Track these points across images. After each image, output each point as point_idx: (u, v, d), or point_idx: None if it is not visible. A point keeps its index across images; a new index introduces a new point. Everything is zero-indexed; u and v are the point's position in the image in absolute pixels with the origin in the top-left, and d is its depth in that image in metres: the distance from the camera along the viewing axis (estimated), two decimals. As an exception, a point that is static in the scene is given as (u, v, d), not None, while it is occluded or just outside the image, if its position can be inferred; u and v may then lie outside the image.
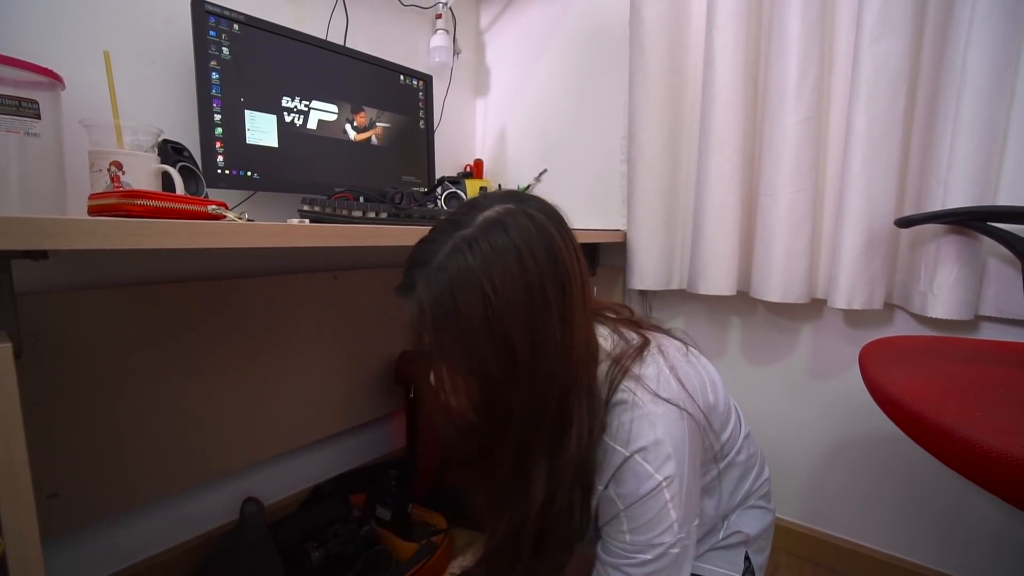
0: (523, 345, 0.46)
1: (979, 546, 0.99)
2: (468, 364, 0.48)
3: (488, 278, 0.45)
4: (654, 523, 0.51)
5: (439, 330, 0.47)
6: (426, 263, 0.47)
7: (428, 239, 0.49)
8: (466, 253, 0.45)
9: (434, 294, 0.46)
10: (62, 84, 0.65)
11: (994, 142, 0.86)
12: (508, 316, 0.45)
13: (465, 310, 0.45)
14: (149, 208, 0.50)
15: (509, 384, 0.47)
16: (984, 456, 0.44)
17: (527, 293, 0.46)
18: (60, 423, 0.83)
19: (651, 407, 0.52)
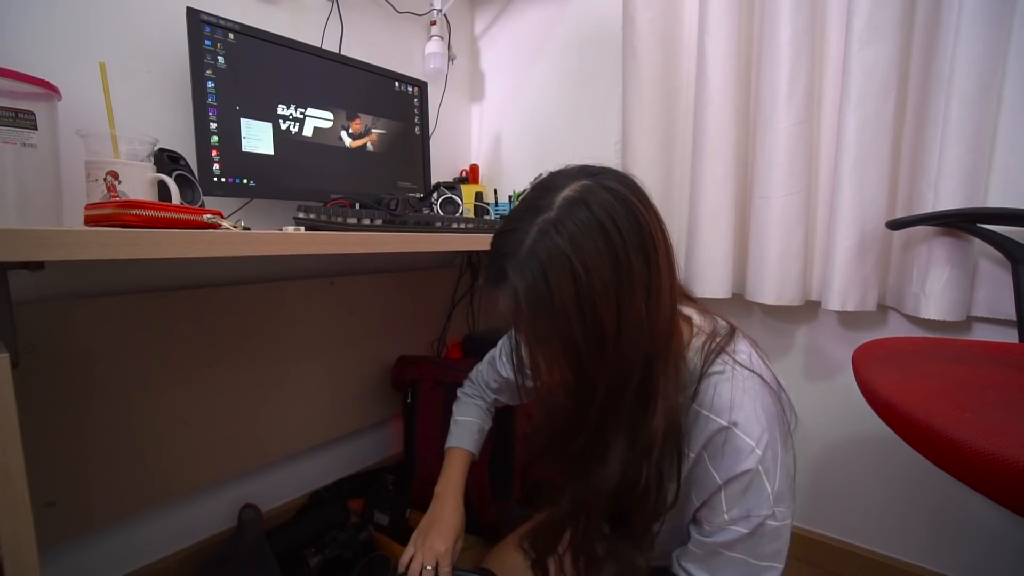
0: (610, 319, 0.46)
1: (972, 545, 1.00)
2: (561, 345, 0.48)
3: (578, 258, 0.45)
4: (751, 495, 0.51)
5: (534, 315, 0.47)
6: (515, 252, 0.47)
7: (511, 228, 0.49)
8: (553, 236, 0.46)
9: (527, 281, 0.46)
10: (58, 95, 0.65)
11: (983, 145, 0.87)
12: (598, 294, 0.45)
13: (558, 293, 0.45)
14: (145, 218, 0.51)
15: (597, 360, 0.48)
16: (973, 456, 0.45)
17: (615, 267, 0.46)
18: (57, 432, 0.83)
19: (748, 381, 0.52)
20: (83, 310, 0.85)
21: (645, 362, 0.49)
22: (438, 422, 1.30)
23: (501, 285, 0.49)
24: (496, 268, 0.50)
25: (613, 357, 0.48)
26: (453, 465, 0.82)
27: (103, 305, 0.88)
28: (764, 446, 0.50)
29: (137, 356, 0.92)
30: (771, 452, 0.51)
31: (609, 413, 0.51)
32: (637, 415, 0.51)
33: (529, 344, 0.52)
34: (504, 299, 0.49)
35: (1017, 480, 0.41)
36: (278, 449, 1.17)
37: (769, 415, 0.52)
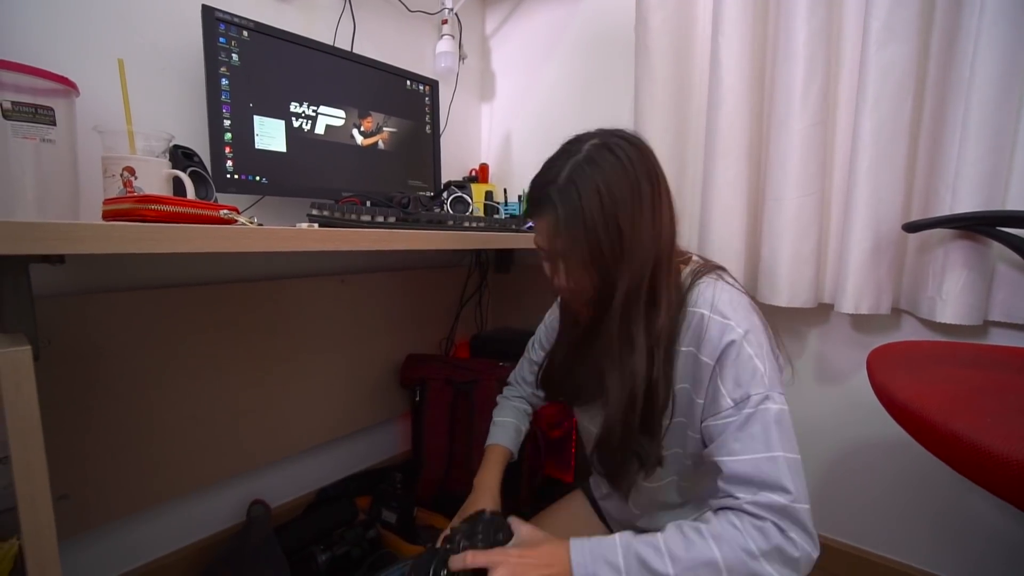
0: (627, 227, 0.58)
1: (987, 552, 0.98)
2: (591, 254, 0.59)
3: (603, 183, 0.58)
4: (742, 368, 0.57)
5: (570, 231, 0.59)
6: (555, 180, 0.60)
7: (549, 166, 0.63)
8: (583, 168, 0.59)
9: (566, 202, 0.59)
10: (77, 91, 0.66)
11: (1002, 147, 0.86)
12: (618, 207, 0.58)
13: (588, 209, 0.58)
14: (163, 213, 0.51)
15: (618, 262, 0.59)
16: (992, 461, 0.44)
17: (630, 189, 0.59)
18: (71, 425, 0.84)
19: (729, 289, 0.63)
20: (97, 305, 0.86)
21: (654, 264, 0.60)
22: (446, 421, 1.30)
23: (543, 208, 0.61)
24: (537, 197, 0.63)
25: (629, 259, 0.59)
26: (491, 460, 0.84)
27: (116, 301, 0.88)
28: (745, 328, 0.59)
29: (149, 351, 0.93)
30: (755, 337, 0.59)
31: (630, 310, 0.61)
32: (650, 313, 0.61)
33: (564, 257, 0.62)
34: (544, 221, 0.62)
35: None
36: (287, 446, 1.18)
37: (750, 313, 0.62)
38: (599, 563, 0.54)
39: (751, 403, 0.56)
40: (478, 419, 1.25)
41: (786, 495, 0.52)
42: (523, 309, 1.61)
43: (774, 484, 0.53)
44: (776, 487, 0.52)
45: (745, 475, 0.54)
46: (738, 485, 0.55)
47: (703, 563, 0.51)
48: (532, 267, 1.60)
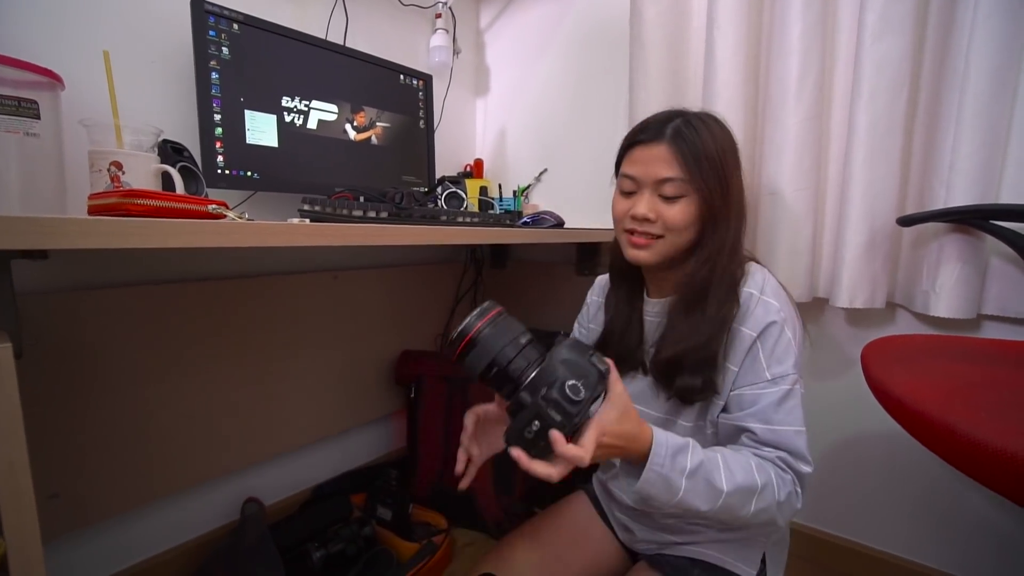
0: (732, 179, 0.66)
1: (980, 545, 0.99)
2: (699, 183, 0.64)
3: (713, 135, 0.65)
4: (781, 347, 0.63)
5: (683, 159, 0.64)
6: (673, 119, 0.66)
7: (657, 115, 0.69)
8: (699, 119, 0.67)
9: (687, 135, 0.64)
10: (62, 84, 0.65)
11: (997, 141, 0.86)
12: (727, 157, 0.66)
13: (705, 148, 0.64)
14: (150, 208, 0.50)
15: (720, 208, 0.65)
16: (988, 454, 0.44)
17: (731, 148, 0.68)
18: (60, 424, 0.83)
19: (775, 280, 0.69)
20: (86, 302, 0.85)
21: (737, 217, 0.68)
22: (441, 417, 1.30)
23: (659, 136, 0.66)
24: (652, 127, 0.67)
25: (729, 206, 0.66)
26: None
27: (105, 297, 0.87)
28: (786, 313, 0.65)
29: (140, 349, 0.92)
30: (791, 322, 0.65)
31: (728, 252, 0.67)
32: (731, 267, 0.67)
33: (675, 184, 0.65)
34: (657, 149, 0.66)
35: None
36: (281, 443, 1.17)
37: (788, 303, 0.67)
38: (675, 466, 0.56)
39: (787, 381, 0.62)
40: (473, 415, 1.25)
41: (808, 466, 0.61)
42: (519, 305, 1.61)
43: (803, 456, 0.61)
44: (804, 458, 0.61)
45: (780, 443, 0.61)
46: (771, 448, 0.61)
47: (747, 488, 0.57)
48: (527, 263, 1.60)
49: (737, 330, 0.65)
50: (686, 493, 0.55)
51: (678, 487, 0.55)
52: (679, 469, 0.55)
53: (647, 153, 0.66)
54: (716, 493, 0.56)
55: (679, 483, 0.55)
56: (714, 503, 0.56)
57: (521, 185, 1.56)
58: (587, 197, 1.48)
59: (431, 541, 1.09)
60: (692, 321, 0.66)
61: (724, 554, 0.70)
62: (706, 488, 0.56)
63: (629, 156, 0.70)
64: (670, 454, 0.56)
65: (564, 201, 1.51)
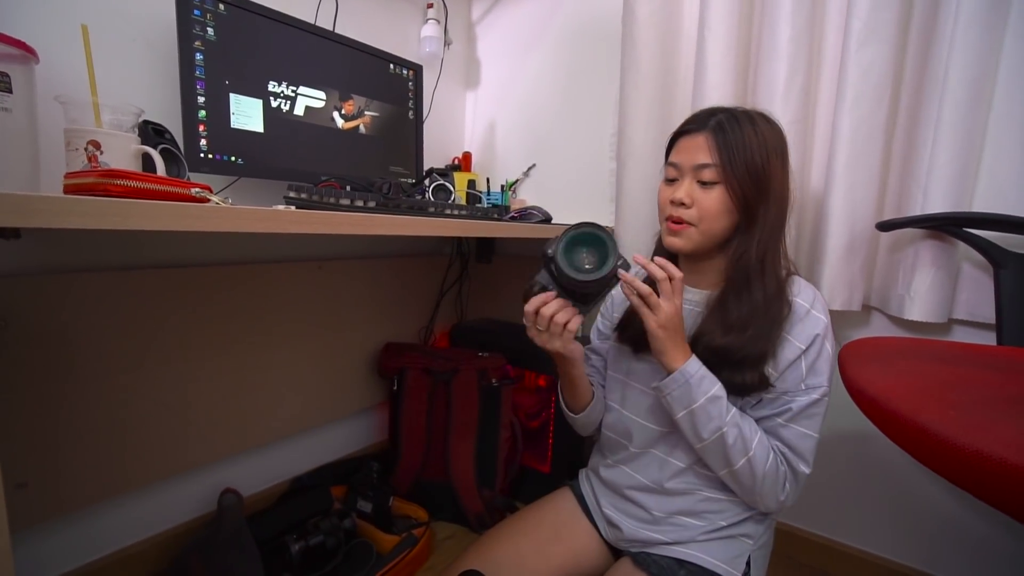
0: (775, 175, 0.68)
1: (951, 542, 1.02)
2: (733, 172, 0.67)
3: (760, 131, 0.68)
4: (821, 366, 0.68)
5: (721, 148, 0.67)
6: (720, 112, 0.70)
7: (710, 108, 0.73)
8: (746, 115, 0.70)
9: (730, 127, 0.68)
10: (36, 58, 0.62)
11: (972, 150, 0.89)
12: (770, 154, 0.68)
13: (747, 141, 0.67)
14: (129, 189, 0.49)
15: (757, 205, 0.68)
16: (958, 453, 0.45)
17: (778, 146, 0.70)
18: (30, 411, 0.81)
19: (822, 297, 0.73)
20: (60, 285, 0.82)
21: (777, 214, 0.70)
22: (424, 410, 1.29)
23: (704, 126, 0.69)
24: (699, 119, 0.71)
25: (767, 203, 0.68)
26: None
27: (81, 281, 0.85)
28: (828, 325, 0.69)
29: (117, 335, 0.89)
30: (831, 336, 0.70)
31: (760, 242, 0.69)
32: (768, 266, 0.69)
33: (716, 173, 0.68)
34: (701, 137, 0.69)
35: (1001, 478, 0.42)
36: (260, 434, 1.15)
37: (829, 318, 0.71)
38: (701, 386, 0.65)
39: (818, 391, 0.68)
40: (456, 409, 1.25)
41: (807, 467, 0.69)
42: (504, 299, 1.61)
43: (804, 456, 0.68)
44: (804, 459, 0.68)
45: (788, 439, 0.68)
46: (782, 443, 0.68)
47: (742, 445, 0.65)
48: (514, 257, 1.60)
49: (785, 339, 0.68)
50: (698, 410, 0.65)
51: (694, 400, 0.65)
52: (703, 390, 0.65)
53: (690, 142, 0.70)
54: (717, 426, 0.65)
55: (697, 397, 0.65)
56: (712, 433, 0.65)
57: (509, 180, 1.56)
58: (574, 194, 1.48)
59: (411, 534, 1.09)
60: (741, 313, 0.68)
61: (710, 556, 0.71)
62: (709, 419, 0.65)
63: (676, 146, 0.74)
64: (700, 375, 0.65)
65: (552, 197, 1.51)
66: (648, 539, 0.74)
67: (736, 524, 0.72)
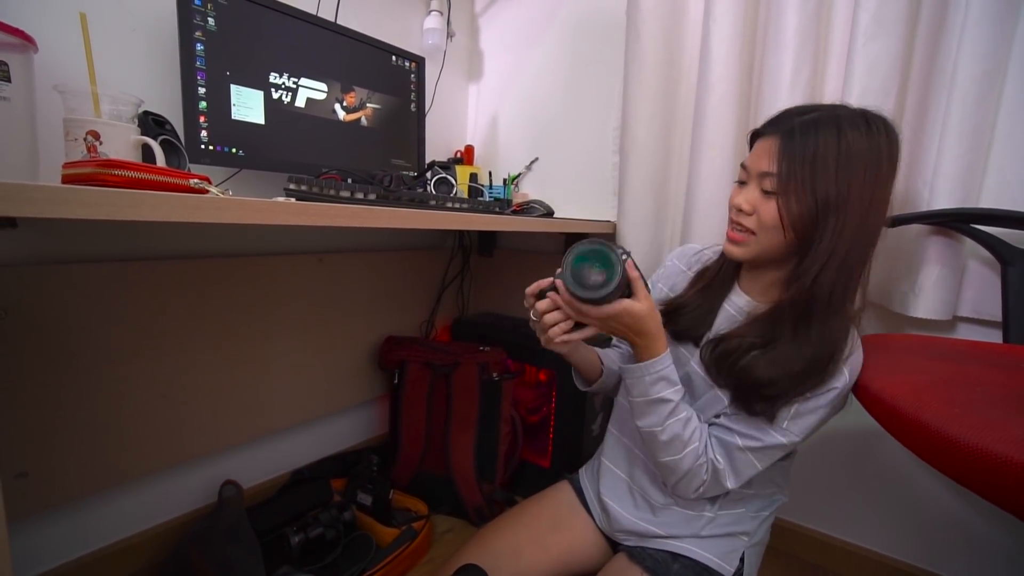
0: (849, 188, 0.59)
1: (952, 540, 1.02)
2: (795, 185, 0.60)
3: (846, 138, 0.59)
4: (810, 420, 0.64)
5: (786, 157, 0.60)
6: (802, 113, 0.63)
7: (805, 105, 0.66)
8: (833, 119, 0.60)
9: (803, 132, 0.60)
10: (34, 46, 0.62)
11: (980, 146, 0.88)
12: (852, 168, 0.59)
13: (822, 150, 0.59)
14: (127, 179, 0.48)
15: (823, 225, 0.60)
16: (961, 452, 0.45)
17: (868, 156, 0.59)
18: (30, 401, 0.81)
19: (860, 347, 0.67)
20: (60, 276, 0.82)
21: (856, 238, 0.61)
22: (424, 404, 1.30)
23: (778, 128, 0.63)
24: (778, 119, 0.65)
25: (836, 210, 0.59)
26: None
27: (81, 272, 0.85)
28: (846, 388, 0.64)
29: (117, 326, 0.89)
30: (840, 400, 0.65)
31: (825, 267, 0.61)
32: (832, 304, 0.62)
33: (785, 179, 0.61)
34: (772, 141, 0.63)
35: (1003, 476, 0.42)
36: (261, 426, 1.16)
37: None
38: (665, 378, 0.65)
39: (788, 440, 0.64)
40: (456, 402, 1.25)
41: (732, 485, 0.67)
42: (505, 293, 1.60)
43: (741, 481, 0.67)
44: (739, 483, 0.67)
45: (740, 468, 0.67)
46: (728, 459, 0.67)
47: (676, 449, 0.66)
48: (515, 251, 1.59)
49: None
50: (643, 403, 0.66)
51: (645, 394, 0.66)
52: (656, 392, 0.65)
53: (762, 145, 0.65)
54: (654, 422, 0.66)
55: (649, 393, 0.65)
56: (649, 427, 0.66)
57: (512, 173, 1.55)
58: (577, 188, 1.47)
59: (411, 527, 1.09)
60: (794, 352, 0.62)
61: (704, 551, 0.71)
62: (649, 414, 0.66)
63: (753, 147, 0.68)
64: (661, 376, 0.65)
65: (554, 191, 1.50)
66: (644, 531, 0.74)
67: (732, 522, 0.73)
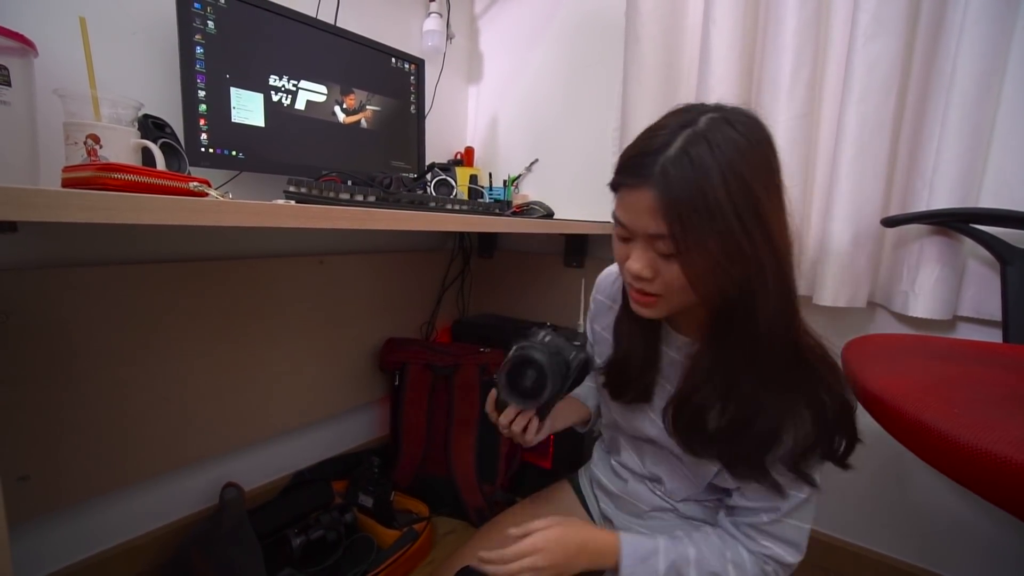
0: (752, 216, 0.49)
1: (955, 542, 1.02)
2: (698, 239, 0.49)
3: (728, 161, 0.48)
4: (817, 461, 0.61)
5: (673, 211, 0.49)
6: (663, 149, 0.49)
7: (657, 131, 0.52)
8: (702, 142, 0.49)
9: (681, 177, 0.48)
10: (34, 51, 0.62)
11: (979, 146, 0.87)
12: (755, 191, 0.49)
13: (712, 190, 0.48)
14: (127, 182, 0.48)
15: (748, 267, 0.51)
16: (962, 452, 0.45)
17: (765, 168, 0.52)
18: (32, 404, 0.81)
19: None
20: (61, 279, 0.83)
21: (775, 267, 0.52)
22: (425, 405, 1.29)
23: (644, 181, 0.50)
24: (636, 166, 0.52)
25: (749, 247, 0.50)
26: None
27: (82, 275, 0.85)
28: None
29: (117, 329, 0.90)
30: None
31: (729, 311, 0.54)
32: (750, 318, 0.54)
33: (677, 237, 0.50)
34: (643, 196, 0.51)
35: (1004, 476, 0.42)
36: (262, 428, 1.16)
37: None
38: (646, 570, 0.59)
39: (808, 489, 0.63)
40: (457, 404, 1.25)
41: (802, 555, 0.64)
42: (505, 295, 1.60)
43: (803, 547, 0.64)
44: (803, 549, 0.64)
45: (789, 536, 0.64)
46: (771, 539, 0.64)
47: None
48: (515, 253, 1.59)
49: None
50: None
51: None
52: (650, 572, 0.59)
53: (632, 198, 0.52)
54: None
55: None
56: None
57: (512, 175, 1.55)
58: (577, 188, 1.47)
59: (412, 528, 1.09)
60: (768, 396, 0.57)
61: None
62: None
63: (617, 196, 0.56)
64: (639, 560, 0.59)
65: (554, 192, 1.50)
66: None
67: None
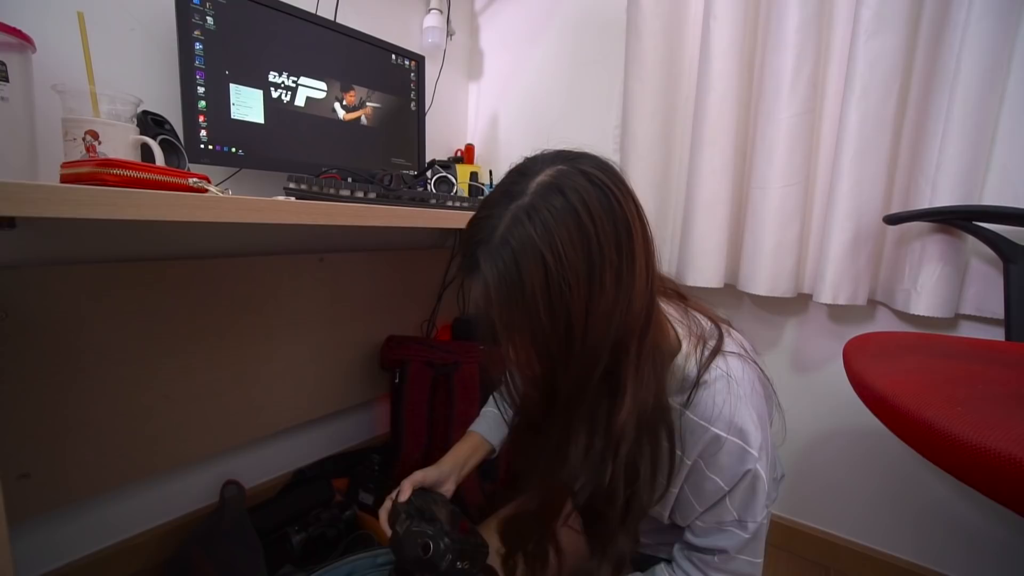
0: (579, 310, 0.45)
1: (957, 540, 1.02)
2: (531, 334, 0.47)
3: (550, 246, 0.44)
4: (755, 499, 0.53)
5: (504, 304, 0.46)
6: (487, 240, 0.46)
7: (484, 215, 0.48)
8: (525, 223, 0.45)
9: (498, 270, 0.45)
10: (32, 46, 0.61)
11: (983, 143, 0.87)
12: (568, 283, 0.45)
13: (528, 282, 0.44)
14: (126, 178, 0.48)
15: (565, 350, 0.47)
16: (965, 450, 0.45)
17: (587, 256, 0.45)
18: (32, 402, 0.81)
19: (742, 387, 0.53)
20: (61, 277, 0.82)
21: (612, 351, 0.47)
22: (426, 403, 1.29)
23: (473, 274, 0.48)
24: (468, 256, 0.49)
25: (580, 347, 0.46)
26: (461, 442, 0.82)
27: (82, 273, 0.84)
28: (760, 445, 0.52)
29: (119, 327, 0.89)
30: (765, 455, 0.53)
31: (574, 404, 0.50)
32: (601, 408, 0.50)
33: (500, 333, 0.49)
34: (475, 287, 0.48)
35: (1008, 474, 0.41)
36: (263, 426, 1.15)
37: (763, 419, 0.55)
38: None
39: (753, 525, 0.55)
40: (458, 402, 1.25)
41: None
42: (506, 293, 1.60)
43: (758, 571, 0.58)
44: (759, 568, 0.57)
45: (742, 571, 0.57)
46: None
47: None
48: (516, 251, 1.59)
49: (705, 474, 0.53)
50: None
51: None
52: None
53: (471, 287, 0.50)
54: None
55: None
56: None
57: (512, 172, 1.55)
58: (578, 187, 1.47)
59: (412, 526, 1.09)
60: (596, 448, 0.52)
61: None
62: None
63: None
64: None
65: (555, 190, 1.50)
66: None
67: None
